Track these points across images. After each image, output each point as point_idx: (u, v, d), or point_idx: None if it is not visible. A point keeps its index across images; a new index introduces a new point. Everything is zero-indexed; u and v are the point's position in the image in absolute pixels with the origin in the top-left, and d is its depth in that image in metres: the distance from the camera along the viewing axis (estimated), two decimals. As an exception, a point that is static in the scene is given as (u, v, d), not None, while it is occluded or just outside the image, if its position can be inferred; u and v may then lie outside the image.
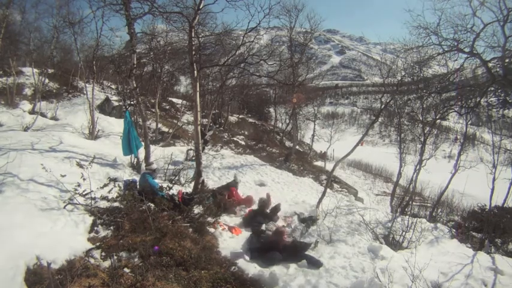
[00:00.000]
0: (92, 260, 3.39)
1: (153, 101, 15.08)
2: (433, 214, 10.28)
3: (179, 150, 11.88)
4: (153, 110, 14.46)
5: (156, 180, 6.19)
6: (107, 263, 3.44)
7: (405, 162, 11.43)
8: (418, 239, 5.39)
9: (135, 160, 8.14)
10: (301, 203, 7.82)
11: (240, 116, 27.55)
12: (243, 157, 13.26)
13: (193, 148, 10.82)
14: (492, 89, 9.05)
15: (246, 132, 21.78)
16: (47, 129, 9.83)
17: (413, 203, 11.60)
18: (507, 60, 7.58)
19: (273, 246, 4.74)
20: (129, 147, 7.49)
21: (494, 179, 8.45)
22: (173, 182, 7.20)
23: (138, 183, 5.84)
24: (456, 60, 8.55)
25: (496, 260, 4.65)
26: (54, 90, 14.75)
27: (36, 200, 4.10)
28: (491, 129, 10.68)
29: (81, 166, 4.92)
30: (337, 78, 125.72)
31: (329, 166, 17.49)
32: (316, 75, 21.35)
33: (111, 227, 4.21)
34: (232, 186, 7.71)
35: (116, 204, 4.67)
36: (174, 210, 5.12)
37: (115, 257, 3.46)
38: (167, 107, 21.27)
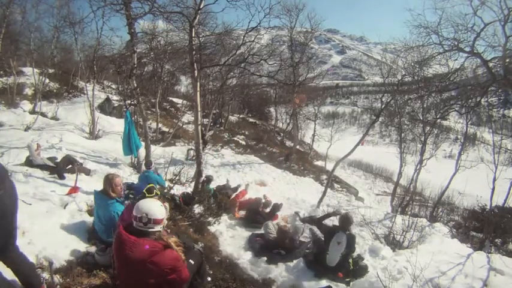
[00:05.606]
0: (92, 260, 3.39)
1: (153, 100, 15.08)
2: (434, 214, 10.27)
3: (180, 150, 11.90)
4: (154, 110, 14.47)
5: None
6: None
7: (406, 162, 11.43)
8: (418, 239, 5.39)
9: (135, 160, 8.15)
10: (301, 203, 7.81)
11: (241, 116, 27.51)
12: (243, 157, 13.27)
13: (193, 148, 10.83)
14: (493, 88, 9.04)
15: (247, 132, 21.75)
16: (48, 129, 9.85)
17: (414, 203, 11.58)
18: (508, 60, 7.58)
19: (274, 245, 4.75)
20: (129, 147, 7.49)
21: (494, 179, 8.43)
22: (174, 181, 7.21)
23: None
24: (457, 59, 8.59)
25: (495, 260, 4.64)
26: (54, 90, 14.74)
27: (37, 199, 4.10)
28: (492, 129, 10.66)
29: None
30: (337, 78, 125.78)
31: (329, 166, 17.48)
32: (316, 75, 21.33)
33: (112, 227, 4.21)
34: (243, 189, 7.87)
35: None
36: (175, 210, 5.12)
37: (115, 257, 3.45)
38: (168, 107, 21.28)
